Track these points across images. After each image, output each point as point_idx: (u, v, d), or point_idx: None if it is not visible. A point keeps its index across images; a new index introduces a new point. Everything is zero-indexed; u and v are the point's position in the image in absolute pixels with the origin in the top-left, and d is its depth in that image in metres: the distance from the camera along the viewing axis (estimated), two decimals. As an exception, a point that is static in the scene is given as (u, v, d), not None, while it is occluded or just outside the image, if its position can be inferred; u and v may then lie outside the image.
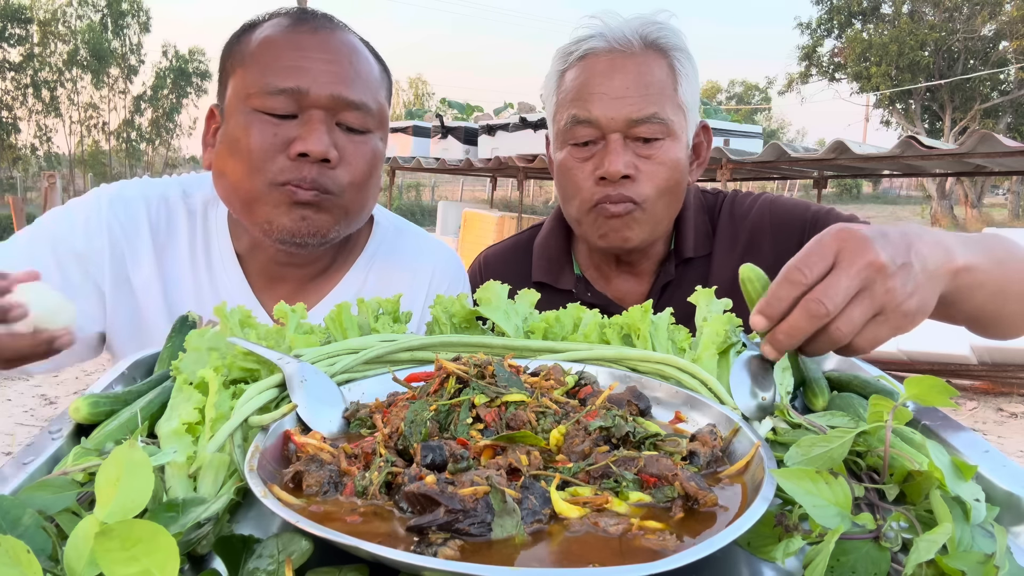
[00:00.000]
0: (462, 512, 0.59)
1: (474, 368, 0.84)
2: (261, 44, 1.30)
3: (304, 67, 1.27)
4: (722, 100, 52.53)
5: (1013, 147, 6.08)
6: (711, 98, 46.99)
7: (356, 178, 1.33)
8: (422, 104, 42.24)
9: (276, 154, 1.26)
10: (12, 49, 36.85)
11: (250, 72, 1.29)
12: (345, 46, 1.33)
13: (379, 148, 1.38)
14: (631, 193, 1.41)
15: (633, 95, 1.39)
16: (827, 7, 28.30)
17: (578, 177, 1.45)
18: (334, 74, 1.28)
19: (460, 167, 10.76)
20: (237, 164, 1.28)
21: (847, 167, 8.10)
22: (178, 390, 0.83)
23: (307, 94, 1.26)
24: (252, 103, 1.27)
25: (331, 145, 1.27)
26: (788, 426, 0.84)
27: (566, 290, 1.60)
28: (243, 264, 1.45)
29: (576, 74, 1.44)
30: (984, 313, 1.09)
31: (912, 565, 0.56)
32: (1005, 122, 27.10)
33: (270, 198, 1.28)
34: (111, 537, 0.49)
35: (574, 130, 1.43)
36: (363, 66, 1.34)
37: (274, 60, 1.28)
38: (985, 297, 1.03)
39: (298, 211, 1.29)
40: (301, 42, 1.29)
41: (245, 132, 1.27)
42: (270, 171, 1.26)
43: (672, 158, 1.42)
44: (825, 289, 0.80)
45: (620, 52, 1.41)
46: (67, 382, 6.98)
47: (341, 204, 1.32)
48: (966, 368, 6.59)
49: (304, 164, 1.26)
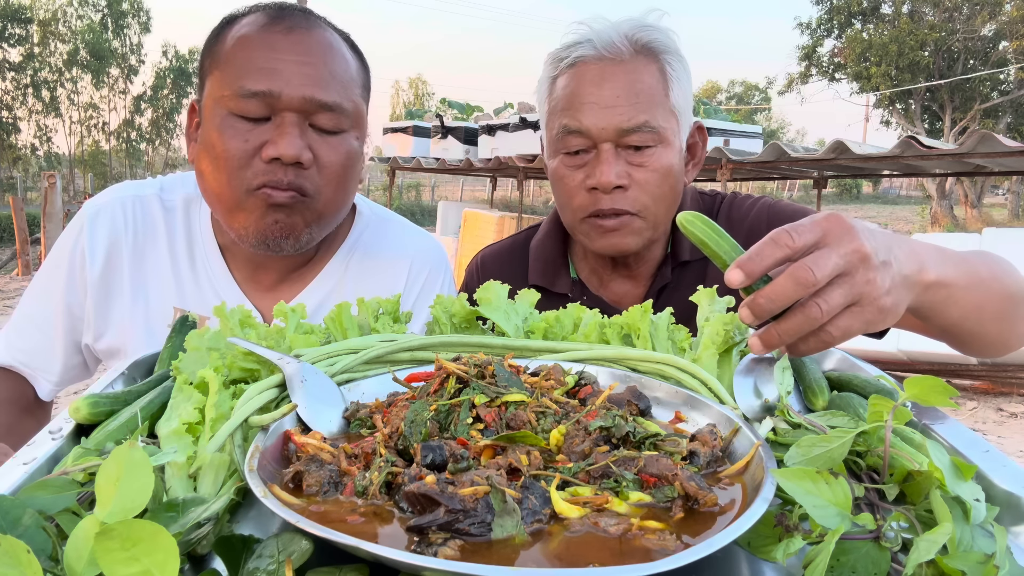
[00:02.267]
0: (462, 512, 0.59)
1: (474, 368, 0.84)
2: (235, 44, 1.30)
3: (276, 69, 1.26)
4: (722, 100, 52.54)
5: (1013, 147, 6.08)
6: (711, 98, 47.00)
7: (331, 179, 1.33)
8: (422, 104, 42.25)
9: (249, 159, 1.26)
10: (12, 49, 36.85)
11: (225, 74, 1.29)
12: (319, 45, 1.32)
13: (354, 147, 1.37)
14: (624, 204, 1.40)
15: (623, 104, 1.38)
16: (827, 7, 28.29)
17: (570, 186, 1.44)
18: (307, 76, 1.27)
19: (460, 167, 10.76)
20: (213, 168, 1.29)
21: (847, 167, 8.10)
22: (178, 390, 0.83)
23: (279, 97, 1.26)
24: (226, 105, 1.27)
25: (304, 148, 1.27)
26: (788, 426, 0.84)
27: (562, 293, 1.59)
28: (226, 256, 1.47)
29: (566, 82, 1.44)
30: (961, 331, 1.09)
31: (912, 565, 0.56)
32: (1005, 122, 27.09)
33: (247, 204, 1.29)
34: (111, 537, 0.49)
35: (565, 139, 1.43)
36: (338, 65, 1.33)
37: (247, 61, 1.27)
38: (960, 314, 1.03)
39: (272, 215, 1.29)
40: (274, 42, 1.28)
41: (219, 136, 1.27)
42: (245, 177, 1.27)
43: (664, 165, 1.42)
44: (816, 259, 0.79)
45: (609, 60, 1.41)
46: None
47: (315, 208, 1.33)
48: (966, 368, 6.59)
49: (278, 167, 1.26)
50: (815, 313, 0.80)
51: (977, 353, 1.22)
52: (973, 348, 1.19)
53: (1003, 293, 1.11)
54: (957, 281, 0.99)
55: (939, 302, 0.98)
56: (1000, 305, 1.10)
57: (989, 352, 1.20)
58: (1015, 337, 1.17)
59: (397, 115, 40.69)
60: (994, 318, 1.10)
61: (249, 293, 1.46)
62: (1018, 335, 1.17)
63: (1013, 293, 1.13)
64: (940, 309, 0.99)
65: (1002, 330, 1.13)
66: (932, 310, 0.98)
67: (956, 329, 1.09)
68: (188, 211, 1.49)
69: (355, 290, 1.48)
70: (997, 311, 1.10)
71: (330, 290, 1.50)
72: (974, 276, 1.04)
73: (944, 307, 0.99)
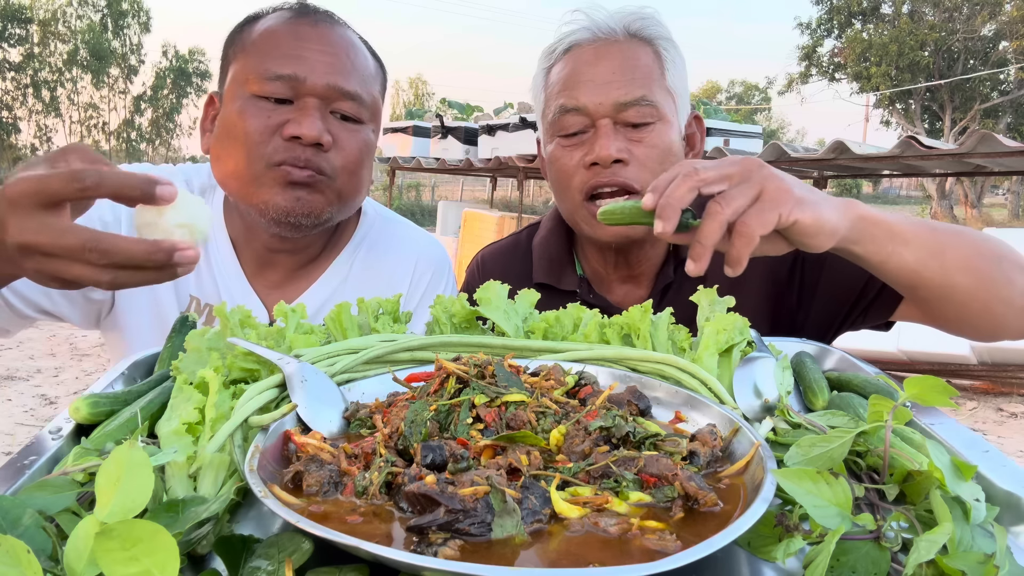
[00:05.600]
0: (462, 512, 0.59)
1: (474, 368, 0.84)
2: (262, 34, 1.35)
3: (302, 56, 1.31)
4: (722, 100, 52.53)
5: (1013, 147, 6.07)
6: (711, 98, 46.98)
7: (349, 163, 1.36)
8: (422, 104, 42.23)
9: (270, 136, 1.29)
10: (12, 49, 36.85)
11: (250, 59, 1.33)
12: (343, 40, 1.37)
13: (371, 139, 1.41)
14: (624, 177, 1.37)
15: (620, 79, 1.37)
16: (827, 7, 28.29)
17: (568, 166, 1.42)
18: (331, 64, 1.32)
19: (460, 167, 10.75)
20: (233, 146, 1.32)
21: (847, 167, 8.09)
22: (178, 390, 0.83)
23: (303, 82, 1.30)
24: (250, 88, 1.31)
25: (324, 131, 1.30)
26: (788, 426, 0.84)
27: (569, 291, 1.58)
28: (236, 250, 1.48)
29: (562, 67, 1.43)
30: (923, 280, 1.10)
31: (912, 565, 0.56)
32: (1005, 122, 27.09)
33: (266, 178, 1.31)
34: (111, 537, 0.49)
35: (563, 120, 1.41)
36: (359, 60, 1.38)
37: (274, 48, 1.32)
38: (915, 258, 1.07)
39: (292, 192, 1.31)
40: (301, 33, 1.33)
41: (241, 115, 1.30)
42: (265, 152, 1.29)
43: (665, 141, 1.40)
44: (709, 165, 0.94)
45: (604, 40, 1.41)
46: (67, 382, 6.98)
47: (335, 187, 1.35)
48: (966, 368, 6.59)
49: (298, 146, 1.29)
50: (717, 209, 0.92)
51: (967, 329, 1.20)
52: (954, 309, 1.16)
53: (973, 246, 1.12)
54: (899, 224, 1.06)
55: (880, 238, 1.05)
56: (967, 256, 1.11)
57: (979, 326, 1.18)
58: (999, 302, 1.13)
59: (397, 115, 40.66)
60: (961, 268, 1.10)
61: (256, 288, 1.47)
62: (1004, 300, 1.13)
63: (987, 250, 1.13)
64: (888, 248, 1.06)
65: (978, 286, 1.11)
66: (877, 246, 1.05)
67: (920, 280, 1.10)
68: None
69: (360, 288, 1.49)
70: (963, 261, 1.10)
71: (335, 288, 1.51)
72: (926, 227, 1.10)
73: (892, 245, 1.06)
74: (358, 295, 1.12)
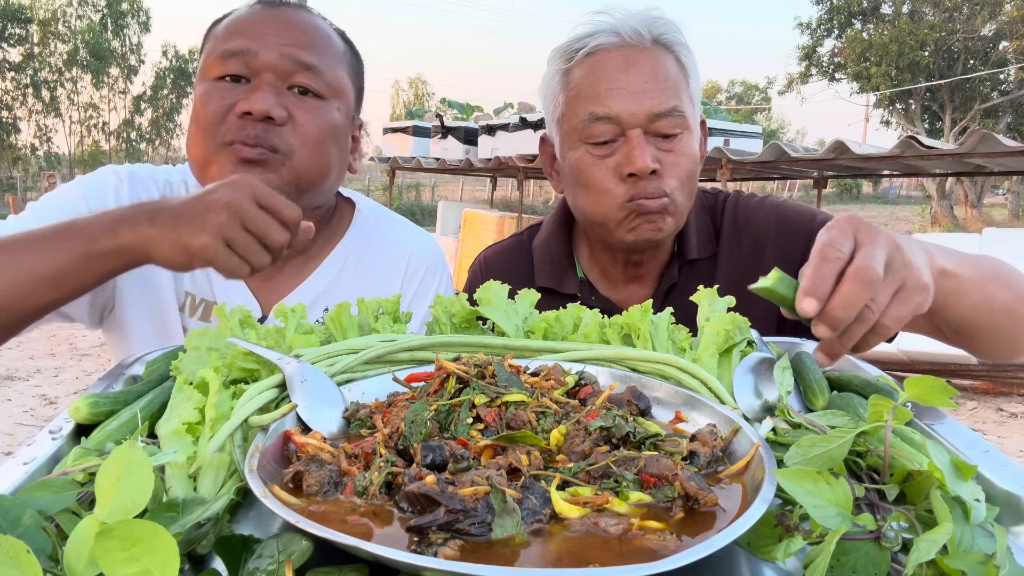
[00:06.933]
0: (462, 512, 0.59)
1: (474, 368, 0.84)
2: (225, 24, 1.37)
3: (257, 32, 1.32)
4: (722, 100, 52.52)
5: (1013, 147, 6.08)
6: (711, 98, 46.97)
7: (308, 139, 1.33)
8: (422, 104, 42.24)
9: (223, 115, 1.29)
10: (12, 49, 36.85)
11: (210, 48, 1.35)
12: (301, 18, 1.37)
13: (335, 117, 1.38)
14: (663, 188, 1.38)
15: (653, 88, 1.37)
16: (827, 7, 28.28)
17: (599, 176, 1.40)
18: (285, 36, 1.32)
19: (460, 167, 10.75)
20: (195, 132, 1.33)
21: (847, 167, 8.10)
22: (178, 390, 0.83)
23: (256, 55, 1.30)
24: (210, 73, 1.32)
25: (277, 105, 1.29)
26: (788, 426, 0.84)
27: (571, 294, 1.58)
28: None
29: (587, 71, 1.41)
30: (974, 324, 1.11)
31: (912, 565, 0.56)
32: (1005, 122, 27.08)
33: (218, 158, 1.30)
34: (111, 537, 0.49)
35: (592, 127, 1.39)
36: (319, 37, 1.37)
37: (231, 33, 1.33)
38: (971, 305, 1.05)
39: (244, 170, 1.28)
40: (258, 15, 1.35)
41: (200, 101, 1.32)
42: (218, 132, 1.29)
43: (692, 150, 1.42)
44: (867, 257, 0.80)
45: (632, 47, 1.39)
46: (67, 382, 6.98)
47: (292, 165, 1.32)
48: (966, 368, 6.59)
49: (249, 123, 1.28)
50: (869, 315, 0.81)
51: (989, 353, 1.22)
52: (985, 345, 1.19)
53: (1010, 288, 1.13)
54: (963, 272, 1.02)
55: (950, 291, 1.00)
56: (1008, 300, 1.12)
57: (1001, 351, 1.20)
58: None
59: (397, 115, 40.68)
60: (1003, 311, 1.11)
61: (248, 283, 1.47)
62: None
63: (1020, 289, 1.14)
64: (952, 299, 1.01)
65: (1012, 325, 1.14)
66: (945, 299, 1.00)
67: (968, 323, 1.10)
68: None
69: (353, 284, 1.49)
70: (1006, 305, 1.11)
71: (328, 284, 1.50)
72: (979, 269, 1.07)
73: (955, 297, 1.02)
74: (351, 291, 1.12)
